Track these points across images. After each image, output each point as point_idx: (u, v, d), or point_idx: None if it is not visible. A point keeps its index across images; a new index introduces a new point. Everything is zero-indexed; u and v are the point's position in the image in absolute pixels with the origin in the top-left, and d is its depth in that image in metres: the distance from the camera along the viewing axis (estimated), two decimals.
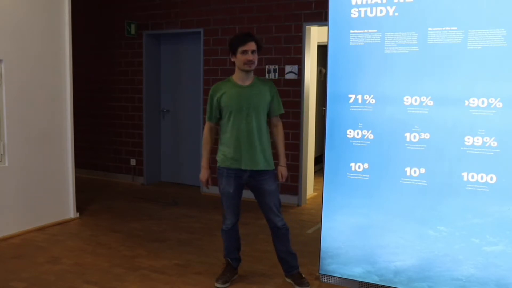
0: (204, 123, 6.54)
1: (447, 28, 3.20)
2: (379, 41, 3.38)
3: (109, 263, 4.12)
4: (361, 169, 3.46)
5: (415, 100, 3.29)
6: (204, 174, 3.61)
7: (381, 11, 3.38)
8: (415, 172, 3.32)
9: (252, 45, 3.38)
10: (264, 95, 3.48)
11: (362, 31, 3.43)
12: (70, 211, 5.37)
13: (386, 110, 3.38)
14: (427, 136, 3.27)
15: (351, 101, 3.47)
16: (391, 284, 3.47)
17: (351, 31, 3.46)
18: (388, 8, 3.36)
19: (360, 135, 3.45)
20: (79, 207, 5.54)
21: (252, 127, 3.43)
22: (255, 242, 4.66)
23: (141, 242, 4.68)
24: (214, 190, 6.48)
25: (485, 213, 3.14)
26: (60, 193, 5.29)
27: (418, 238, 3.36)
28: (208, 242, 4.69)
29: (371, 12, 3.41)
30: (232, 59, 3.44)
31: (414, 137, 3.31)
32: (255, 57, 3.41)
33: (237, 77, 3.48)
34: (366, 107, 3.44)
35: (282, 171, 3.60)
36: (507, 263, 3.08)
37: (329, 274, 3.69)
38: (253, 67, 3.42)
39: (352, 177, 3.50)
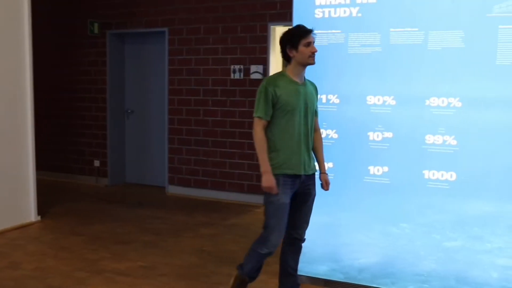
0: (169, 123, 6.58)
1: (409, 29, 3.27)
2: (343, 42, 3.43)
3: (71, 267, 4.04)
4: (326, 168, 3.49)
5: (378, 100, 3.35)
6: (270, 179, 3.02)
7: (344, 12, 3.43)
8: (378, 170, 3.38)
9: (312, 37, 3.06)
10: (315, 95, 3.20)
11: (326, 31, 3.47)
12: (31, 215, 5.24)
13: (350, 110, 3.43)
14: (390, 135, 3.33)
15: None
16: (355, 281, 3.52)
17: (315, 31, 3.48)
18: (352, 9, 3.41)
19: (324, 135, 3.48)
20: (41, 210, 5.40)
21: (308, 128, 3.11)
22: (221, 242, 4.64)
23: (105, 244, 4.60)
24: (179, 191, 6.51)
25: (445, 209, 3.22)
26: (20, 196, 5.15)
27: (381, 235, 3.42)
28: (174, 243, 4.65)
29: (335, 13, 3.45)
30: (291, 54, 3.05)
31: (377, 136, 3.37)
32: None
33: (293, 73, 3.09)
34: (330, 106, 3.48)
35: (326, 178, 3.27)
36: (466, 257, 3.16)
37: None
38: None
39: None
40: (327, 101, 3.48)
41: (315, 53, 3.04)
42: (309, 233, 3.56)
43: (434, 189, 3.24)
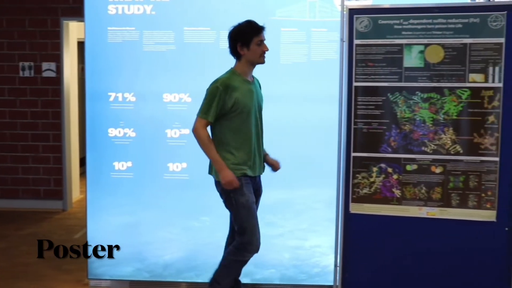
0: None
1: (201, 28, 3.37)
2: (138, 39, 3.40)
3: None
4: (124, 168, 3.44)
5: (174, 97, 3.41)
6: (229, 174, 2.86)
7: (138, 9, 3.40)
8: (177, 167, 3.44)
9: (263, 35, 2.91)
10: (260, 93, 3.08)
11: (120, 28, 3.40)
12: None
13: (147, 108, 3.42)
14: (187, 131, 3.39)
15: (111, 99, 3.42)
16: (161, 279, 3.53)
17: (109, 28, 3.41)
18: (145, 6, 3.39)
19: (122, 134, 3.42)
20: None
21: (259, 129, 3.01)
22: (16, 255, 4.24)
23: None
24: None
25: None
26: None
27: (184, 230, 3.49)
28: None
29: (129, 10, 3.40)
30: (242, 52, 2.89)
31: (175, 133, 3.42)
32: None
33: (243, 71, 2.94)
34: (126, 105, 3.43)
35: (270, 159, 3.15)
36: (262, 243, 3.34)
37: (98, 278, 3.58)
38: None
39: (116, 176, 3.45)
40: (124, 99, 3.42)
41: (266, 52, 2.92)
42: (111, 235, 3.49)
43: None
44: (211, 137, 2.93)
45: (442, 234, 3.01)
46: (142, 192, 3.46)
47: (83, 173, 6.45)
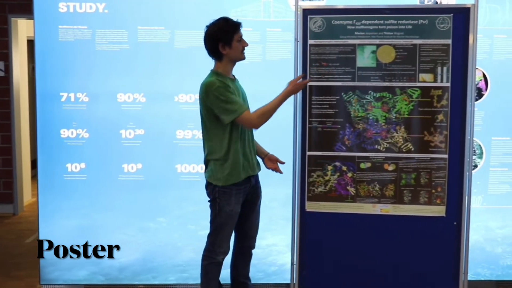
0: None
1: (156, 28, 3.34)
2: (90, 38, 3.34)
3: None
4: (78, 169, 3.38)
5: (128, 97, 3.36)
6: (293, 87, 2.88)
7: (90, 7, 3.34)
8: (132, 168, 3.40)
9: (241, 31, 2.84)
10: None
11: (72, 26, 3.34)
12: None
13: (100, 108, 3.37)
14: (141, 132, 3.37)
15: (63, 99, 3.35)
16: (116, 282, 3.48)
17: (60, 27, 3.34)
18: (98, 4, 3.34)
19: (74, 135, 3.35)
20: None
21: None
22: None
23: None
24: None
25: (198, 200, 3.36)
26: None
27: (140, 232, 3.45)
28: None
29: (80, 8, 3.34)
30: (224, 52, 2.77)
31: (130, 133, 3.38)
32: None
33: (226, 71, 2.83)
34: (79, 105, 3.36)
35: (271, 156, 3.05)
36: None
37: (51, 283, 3.50)
38: None
39: (69, 178, 3.39)
40: (76, 99, 3.35)
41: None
42: (64, 239, 3.41)
43: (187, 182, 3.40)
44: (210, 140, 2.84)
45: (395, 230, 3.08)
46: (97, 194, 3.41)
47: (34, 176, 6.30)
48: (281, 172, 3.03)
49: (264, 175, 3.06)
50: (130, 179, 3.39)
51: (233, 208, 2.86)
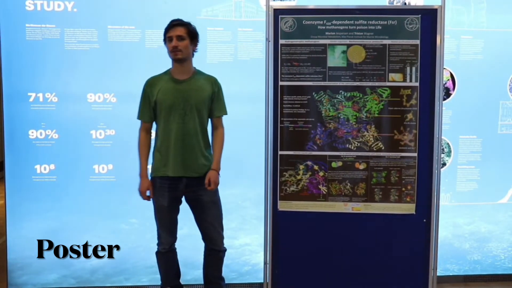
0: None
1: (126, 27, 3.31)
2: (59, 37, 3.30)
3: None
4: (47, 171, 3.32)
5: (99, 97, 3.32)
6: (143, 184, 2.93)
7: (59, 6, 3.30)
8: (103, 168, 3.36)
9: (177, 31, 2.84)
10: (204, 91, 2.93)
11: (40, 25, 3.28)
12: None
13: (70, 108, 3.32)
14: (112, 132, 3.34)
15: (31, 99, 3.30)
16: (88, 284, 3.44)
17: (27, 25, 3.28)
18: (66, 3, 3.30)
19: (43, 135, 3.30)
20: None
21: (189, 128, 2.88)
22: None
23: None
24: None
25: None
26: None
27: (112, 233, 3.42)
28: None
29: (48, 6, 3.29)
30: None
31: (100, 134, 3.34)
32: (182, 44, 2.84)
33: (173, 70, 2.94)
34: (48, 105, 3.31)
35: (211, 175, 2.91)
36: (192, 244, 3.37)
37: None
38: (182, 55, 2.85)
39: (38, 180, 3.33)
40: (45, 100, 3.30)
41: (177, 47, 2.83)
42: (33, 243, 3.34)
43: None
44: None
45: (367, 228, 3.12)
46: (67, 195, 3.36)
47: (1, 178, 6.15)
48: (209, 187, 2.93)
49: (237, 174, 3.06)
50: (101, 180, 3.36)
51: (157, 201, 2.95)
